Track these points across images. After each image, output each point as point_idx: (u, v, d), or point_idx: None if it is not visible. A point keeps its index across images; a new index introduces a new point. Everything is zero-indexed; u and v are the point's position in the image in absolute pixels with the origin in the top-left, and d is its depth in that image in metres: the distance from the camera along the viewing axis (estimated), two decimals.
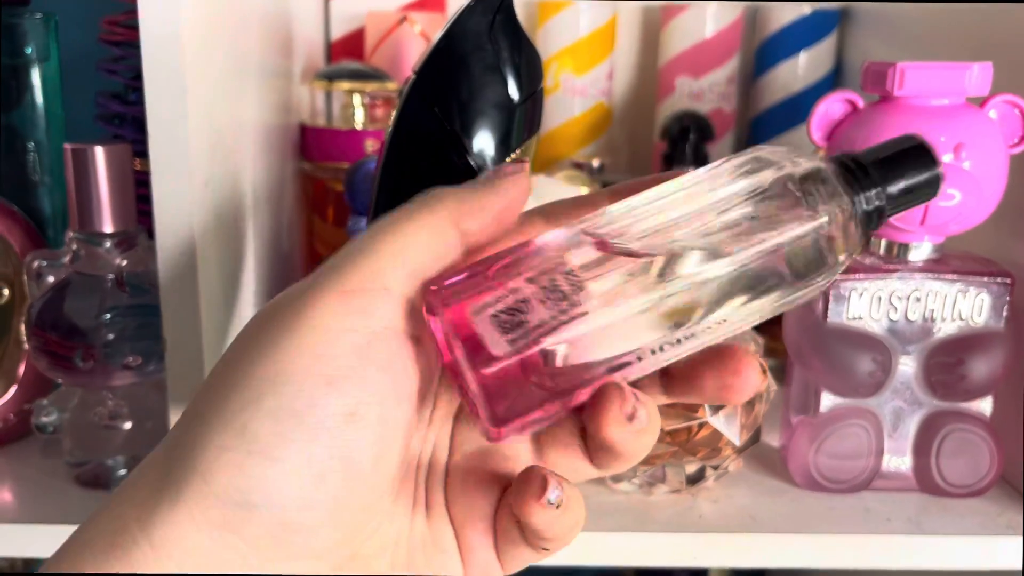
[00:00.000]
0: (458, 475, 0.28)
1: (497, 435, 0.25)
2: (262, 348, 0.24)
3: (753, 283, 0.25)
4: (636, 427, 0.25)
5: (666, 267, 0.25)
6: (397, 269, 0.25)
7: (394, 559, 0.27)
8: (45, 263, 0.49)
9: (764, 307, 0.26)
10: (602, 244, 0.25)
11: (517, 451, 0.29)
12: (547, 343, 0.25)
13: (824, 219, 0.25)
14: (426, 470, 0.28)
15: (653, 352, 0.26)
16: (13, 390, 0.54)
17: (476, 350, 0.24)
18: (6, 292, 0.54)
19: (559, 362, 0.25)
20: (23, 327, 0.49)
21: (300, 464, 0.23)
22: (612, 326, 0.25)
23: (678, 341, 0.26)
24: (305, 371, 0.23)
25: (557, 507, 0.26)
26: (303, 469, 0.23)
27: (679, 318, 0.25)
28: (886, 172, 0.27)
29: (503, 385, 0.25)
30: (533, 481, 0.26)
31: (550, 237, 0.26)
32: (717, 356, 0.27)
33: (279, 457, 0.23)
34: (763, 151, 0.27)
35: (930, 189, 0.27)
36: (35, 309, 0.48)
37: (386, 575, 0.26)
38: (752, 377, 0.27)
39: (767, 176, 0.26)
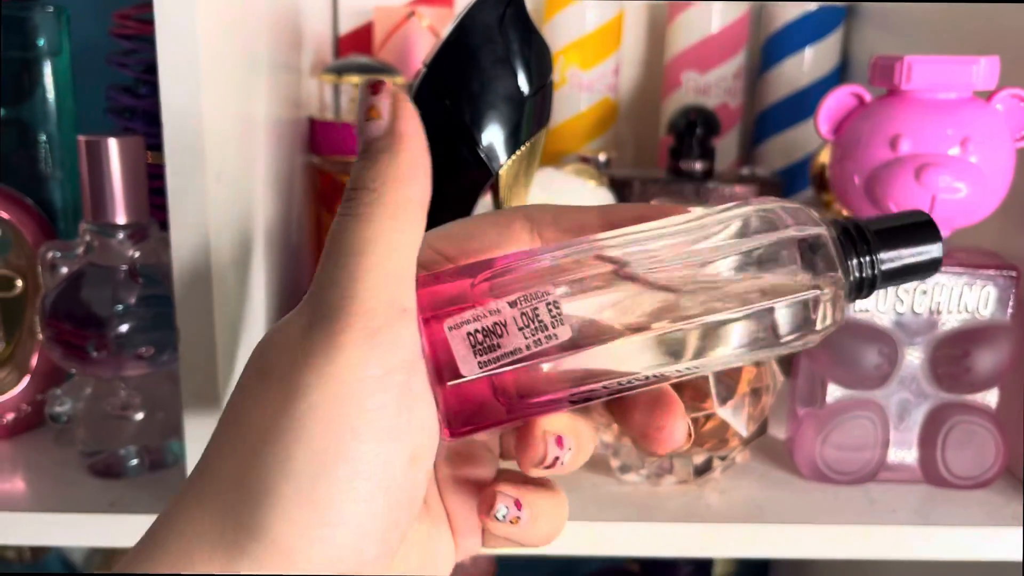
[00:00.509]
0: (447, 466, 0.29)
1: (448, 437, 0.25)
2: (312, 411, 0.22)
3: (734, 338, 0.25)
4: (556, 470, 0.26)
5: (655, 311, 0.25)
6: (407, 286, 0.24)
7: (410, 558, 0.27)
8: (59, 254, 0.49)
9: (738, 359, 0.26)
10: (590, 276, 0.25)
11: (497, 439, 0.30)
12: (517, 370, 0.25)
13: (817, 292, 0.25)
14: None
15: (620, 385, 0.26)
16: (26, 380, 0.55)
17: (445, 363, 0.24)
18: (19, 283, 0.54)
19: (526, 389, 0.25)
20: (37, 318, 0.50)
21: (375, 520, 0.23)
22: (587, 361, 0.25)
23: (646, 379, 0.26)
24: (367, 430, 0.22)
25: (512, 523, 0.26)
26: (378, 523, 0.23)
27: (655, 359, 0.25)
28: (886, 244, 0.27)
29: (465, 399, 0.25)
30: (485, 499, 0.27)
31: (541, 258, 0.26)
32: (652, 401, 0.27)
33: (359, 524, 0.23)
34: (772, 206, 0.27)
35: (927, 270, 0.27)
36: (49, 299, 0.48)
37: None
38: (675, 435, 0.26)
39: (770, 236, 0.26)
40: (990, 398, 0.50)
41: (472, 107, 0.44)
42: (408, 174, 0.24)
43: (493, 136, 0.44)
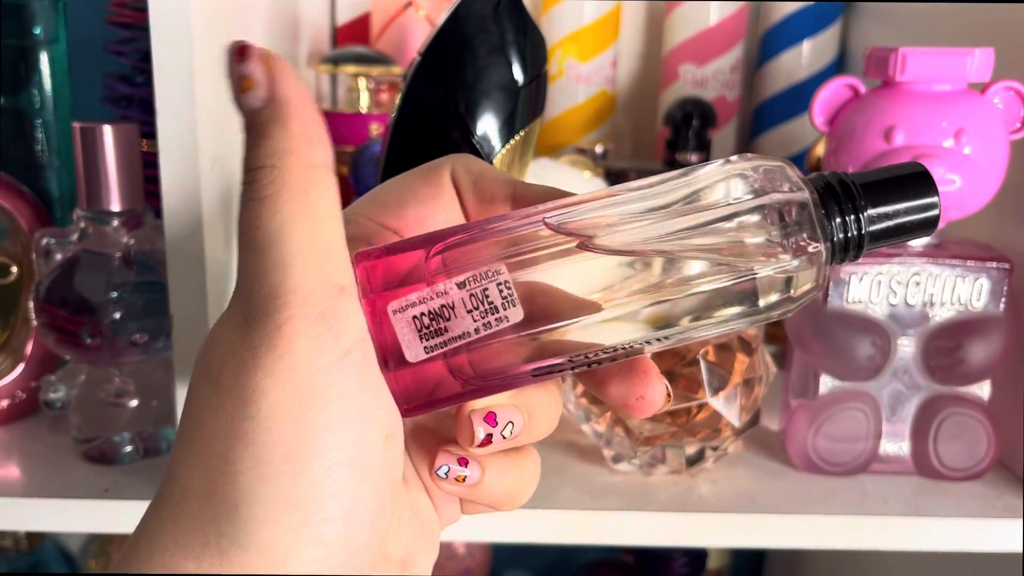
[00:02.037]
0: (416, 435, 0.28)
1: (403, 414, 0.24)
2: (275, 412, 0.21)
3: (705, 307, 0.24)
4: (498, 446, 0.25)
5: (617, 283, 0.24)
6: (340, 261, 0.22)
7: (400, 536, 0.26)
8: (54, 241, 0.49)
9: (711, 328, 0.24)
10: (546, 249, 0.24)
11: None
12: (468, 354, 0.24)
13: (796, 262, 0.23)
14: None
15: (587, 358, 0.24)
16: (21, 367, 0.55)
17: (391, 347, 0.23)
18: (14, 270, 0.54)
19: (482, 366, 0.24)
20: (31, 305, 0.50)
21: (361, 507, 0.22)
22: (544, 339, 0.24)
23: (614, 350, 0.24)
24: (336, 420, 0.22)
25: (458, 481, 0.26)
26: (364, 509, 0.22)
27: (620, 333, 0.24)
28: (875, 199, 0.24)
29: (419, 377, 0.24)
30: (431, 457, 0.26)
31: (497, 228, 0.24)
32: (626, 371, 0.26)
33: (346, 515, 0.22)
34: (744, 166, 0.24)
35: (923, 228, 0.24)
36: (43, 286, 0.49)
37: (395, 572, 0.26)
38: (655, 401, 0.25)
39: (743, 202, 0.24)
40: (983, 390, 0.50)
41: (466, 96, 0.44)
42: (304, 140, 0.22)
43: (487, 125, 0.44)
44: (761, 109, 0.79)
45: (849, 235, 0.24)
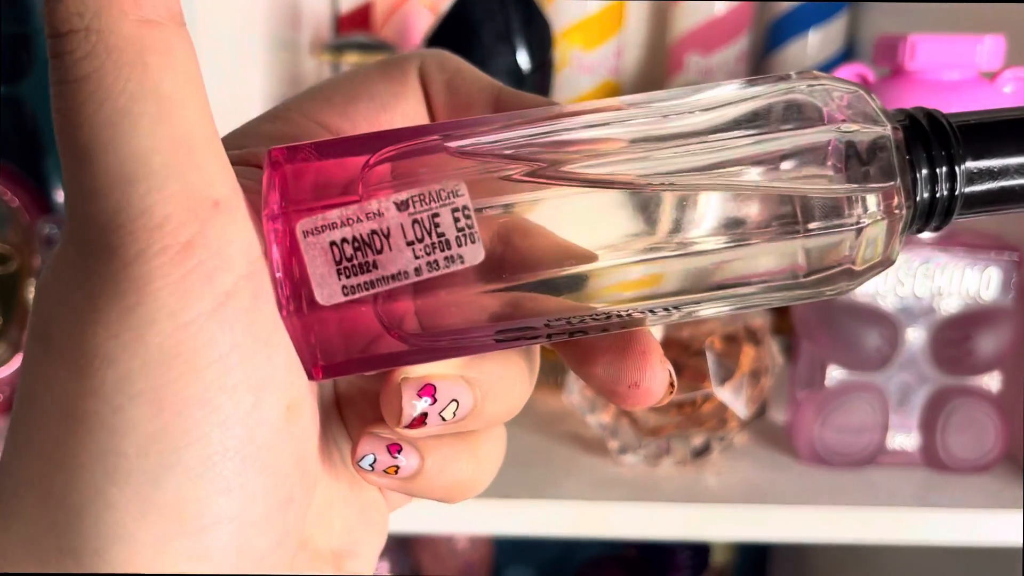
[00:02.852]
0: (350, 409, 0.22)
1: (311, 376, 0.18)
2: (127, 384, 0.15)
3: (734, 272, 0.18)
4: (432, 430, 0.19)
5: (612, 222, 0.18)
6: (213, 162, 0.16)
7: (332, 526, 0.21)
8: (55, 229, 0.49)
9: (740, 302, 0.19)
10: (541, 168, 0.18)
11: None
12: (412, 300, 0.18)
13: (866, 221, 0.17)
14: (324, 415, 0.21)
15: (569, 324, 0.18)
16: (21, 357, 0.54)
17: (294, 283, 0.17)
18: (15, 260, 0.54)
19: (426, 326, 0.18)
20: (31, 295, 0.49)
21: (257, 506, 0.17)
22: (512, 293, 0.18)
23: (606, 317, 0.18)
24: (216, 391, 0.16)
25: (388, 473, 0.20)
26: (262, 508, 0.17)
27: (630, 291, 0.18)
28: (977, 149, 0.18)
29: (336, 331, 0.18)
30: (355, 442, 0.20)
31: (464, 141, 0.18)
32: (619, 348, 0.19)
33: (237, 517, 0.16)
34: (812, 85, 0.18)
35: None
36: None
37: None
38: (653, 391, 0.19)
39: (799, 134, 0.18)
40: (992, 382, 0.49)
41: None
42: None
43: None
44: None
45: (938, 195, 0.18)
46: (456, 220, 0.17)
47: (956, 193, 0.18)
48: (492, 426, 0.21)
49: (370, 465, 0.20)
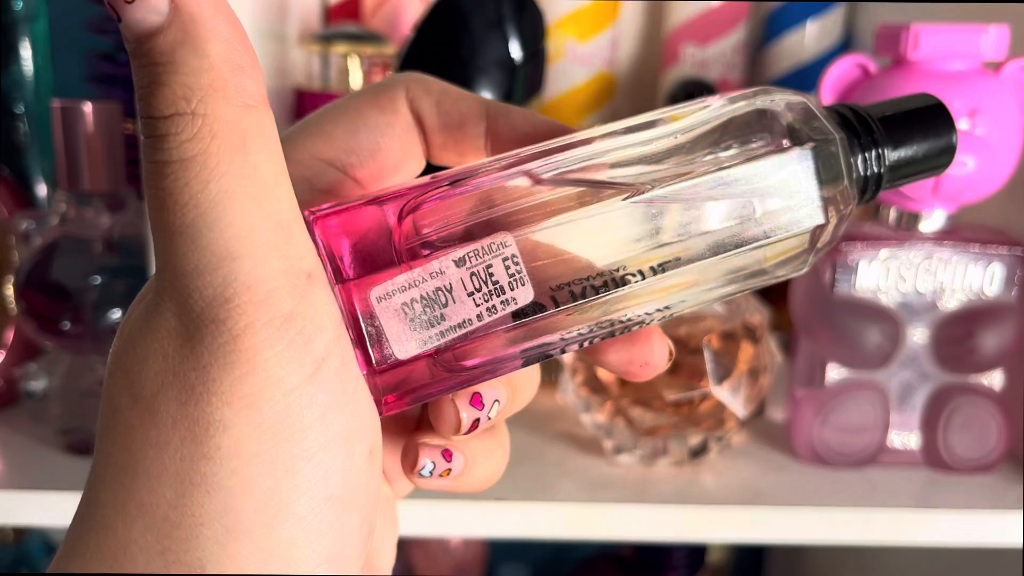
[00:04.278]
0: None
1: (381, 415, 0.21)
2: (242, 448, 0.17)
3: (712, 271, 0.21)
4: (482, 429, 0.22)
5: (637, 240, 0.20)
6: (301, 238, 0.18)
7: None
8: (33, 224, 0.47)
9: (721, 289, 0.22)
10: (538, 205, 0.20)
11: None
12: (466, 343, 0.20)
13: (822, 217, 0.22)
14: None
15: (579, 336, 0.21)
16: (1, 356, 0.53)
17: (374, 344, 0.19)
18: None
19: (468, 353, 0.21)
20: (9, 291, 0.48)
21: (353, 542, 0.19)
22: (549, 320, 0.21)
23: (611, 324, 0.21)
24: (318, 447, 0.18)
25: (442, 476, 0.23)
26: (355, 543, 0.19)
27: (625, 310, 0.21)
28: (893, 133, 0.22)
29: (393, 377, 0.20)
30: (407, 454, 0.23)
31: (481, 181, 0.20)
32: (624, 339, 0.23)
33: (329, 550, 0.18)
34: (769, 100, 0.22)
35: (941, 161, 0.23)
36: (23, 271, 0.47)
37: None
38: (659, 364, 0.23)
39: (767, 145, 0.21)
40: (995, 380, 0.48)
41: (462, 72, 0.42)
42: (232, 69, 0.16)
43: None
44: None
45: (869, 172, 0.22)
46: (507, 268, 0.19)
47: (882, 169, 0.22)
48: (517, 411, 0.24)
49: (429, 472, 0.23)
